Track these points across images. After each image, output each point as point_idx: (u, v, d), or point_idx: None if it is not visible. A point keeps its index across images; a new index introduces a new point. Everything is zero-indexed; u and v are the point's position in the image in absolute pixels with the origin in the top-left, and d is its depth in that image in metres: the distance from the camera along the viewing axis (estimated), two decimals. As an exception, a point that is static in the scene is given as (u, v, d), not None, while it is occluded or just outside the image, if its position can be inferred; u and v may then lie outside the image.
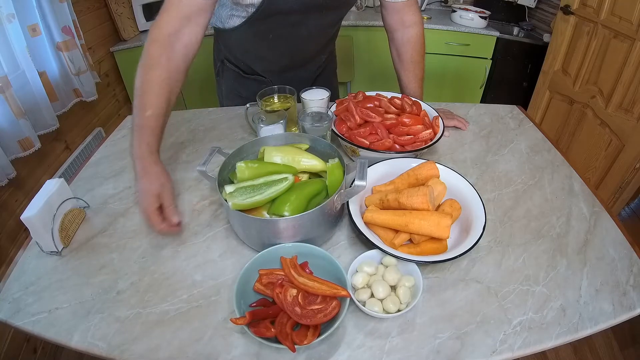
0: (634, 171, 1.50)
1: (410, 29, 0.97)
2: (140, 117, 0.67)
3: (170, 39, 0.69)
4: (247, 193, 0.61)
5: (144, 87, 0.67)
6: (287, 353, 0.51)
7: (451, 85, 2.47)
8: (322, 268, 0.59)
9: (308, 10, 0.84)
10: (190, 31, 0.72)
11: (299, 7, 0.81)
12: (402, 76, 1.00)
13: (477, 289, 0.59)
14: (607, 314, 0.55)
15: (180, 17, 0.70)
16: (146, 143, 0.66)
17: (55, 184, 0.70)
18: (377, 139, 0.79)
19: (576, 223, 0.71)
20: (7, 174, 1.36)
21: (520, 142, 0.93)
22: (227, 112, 1.07)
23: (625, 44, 1.50)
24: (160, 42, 0.69)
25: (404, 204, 0.63)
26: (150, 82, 0.68)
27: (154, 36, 0.69)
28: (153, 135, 0.67)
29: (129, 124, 1.05)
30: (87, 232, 0.72)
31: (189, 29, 0.71)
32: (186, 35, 0.71)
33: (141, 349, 0.52)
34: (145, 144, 0.66)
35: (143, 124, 0.67)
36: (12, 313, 0.58)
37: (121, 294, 0.60)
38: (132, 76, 0.67)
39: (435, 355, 0.51)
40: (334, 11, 0.91)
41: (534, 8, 2.41)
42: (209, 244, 0.68)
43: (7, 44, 1.40)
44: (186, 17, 0.70)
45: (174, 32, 0.70)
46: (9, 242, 1.43)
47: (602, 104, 1.64)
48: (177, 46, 0.70)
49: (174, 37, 0.70)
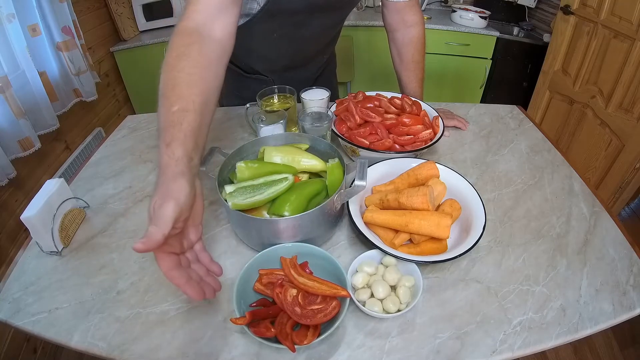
0: (634, 171, 1.50)
1: (412, 29, 0.97)
2: (166, 114, 0.50)
3: (201, 30, 0.59)
4: (247, 193, 0.61)
5: (169, 83, 0.53)
6: (287, 353, 0.51)
7: (451, 85, 2.47)
8: (322, 268, 0.59)
9: (312, 10, 0.84)
10: (224, 23, 0.61)
11: (304, 7, 0.81)
12: (403, 76, 1.00)
13: (477, 289, 0.59)
14: (607, 314, 0.55)
15: (211, 8, 0.60)
16: (166, 144, 0.48)
17: (55, 184, 0.69)
18: (377, 139, 0.79)
19: (576, 223, 0.71)
20: (7, 174, 1.36)
21: (520, 142, 0.93)
22: (227, 112, 1.07)
23: (625, 44, 1.50)
24: (189, 33, 0.58)
25: (404, 204, 0.63)
26: (178, 75, 0.53)
27: (181, 28, 0.59)
28: (180, 136, 0.48)
29: (129, 124, 1.05)
30: (87, 232, 0.72)
31: (222, 21, 0.61)
32: (219, 28, 0.61)
33: (141, 349, 0.52)
34: (167, 147, 0.48)
35: (169, 121, 0.49)
36: (12, 313, 0.58)
37: (121, 294, 0.60)
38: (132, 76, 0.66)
39: (435, 355, 0.51)
40: (338, 11, 0.91)
41: (534, 8, 2.41)
42: (209, 244, 0.68)
43: (7, 44, 1.40)
44: (217, 8, 0.60)
45: (203, 24, 0.59)
46: (9, 242, 1.43)
47: (602, 104, 1.64)
48: (210, 39, 0.59)
49: (205, 28, 0.59)
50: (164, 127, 0.50)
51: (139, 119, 1.07)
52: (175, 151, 0.48)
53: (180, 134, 0.49)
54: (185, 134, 0.49)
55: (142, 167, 0.88)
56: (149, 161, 0.90)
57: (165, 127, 0.49)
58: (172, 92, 0.52)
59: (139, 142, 0.97)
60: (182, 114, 0.50)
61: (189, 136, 0.50)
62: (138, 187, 0.82)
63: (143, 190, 0.81)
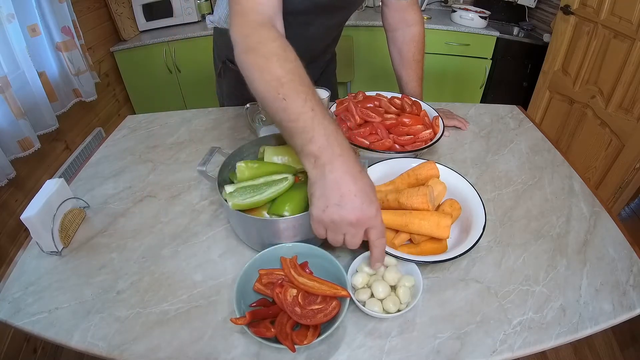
0: (634, 171, 1.50)
1: (413, 28, 0.97)
2: (308, 102, 0.48)
3: (273, 24, 0.57)
4: (247, 193, 0.61)
5: (282, 79, 0.50)
6: (287, 353, 0.51)
7: (451, 85, 2.47)
8: (322, 268, 0.59)
9: (317, 11, 0.84)
10: (280, 22, 0.60)
11: (309, 7, 0.81)
12: (403, 75, 1.00)
13: (477, 289, 0.59)
14: (607, 314, 0.55)
15: (259, 21, 0.57)
16: (334, 131, 0.46)
17: (55, 184, 0.69)
18: (377, 139, 0.79)
19: (576, 223, 0.71)
20: (6, 174, 1.36)
21: (520, 142, 0.93)
22: (227, 112, 1.07)
23: (625, 44, 1.50)
24: (269, 28, 0.56)
25: (404, 204, 0.63)
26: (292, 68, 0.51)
27: (253, 21, 0.56)
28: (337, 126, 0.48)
29: (129, 124, 1.05)
30: (87, 232, 0.72)
31: (280, 19, 0.61)
32: (279, 26, 0.59)
33: (141, 349, 0.52)
34: (336, 133, 0.46)
35: (317, 110, 0.47)
36: (12, 313, 0.58)
37: (121, 294, 0.60)
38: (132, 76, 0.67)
39: (435, 355, 0.51)
40: (342, 11, 0.91)
41: (534, 8, 2.41)
42: (209, 244, 0.68)
43: (7, 44, 1.40)
44: (278, 5, 0.60)
45: (270, 18, 0.58)
46: (9, 242, 1.43)
47: (602, 104, 1.64)
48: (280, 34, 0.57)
49: (275, 23, 0.58)
50: (314, 116, 0.47)
51: (139, 119, 1.07)
52: (344, 141, 0.47)
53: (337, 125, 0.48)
54: None
55: (142, 167, 0.88)
56: (149, 161, 0.90)
57: (314, 117, 0.47)
58: (292, 85, 0.50)
59: (139, 142, 0.97)
60: None
61: None
62: (138, 187, 0.82)
63: (143, 190, 0.81)
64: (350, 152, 0.47)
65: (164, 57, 2.28)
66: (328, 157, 0.47)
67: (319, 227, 0.51)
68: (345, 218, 0.47)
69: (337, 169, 0.46)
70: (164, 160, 0.90)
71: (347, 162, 0.46)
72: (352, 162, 0.47)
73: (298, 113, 0.48)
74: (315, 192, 0.48)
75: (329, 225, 0.49)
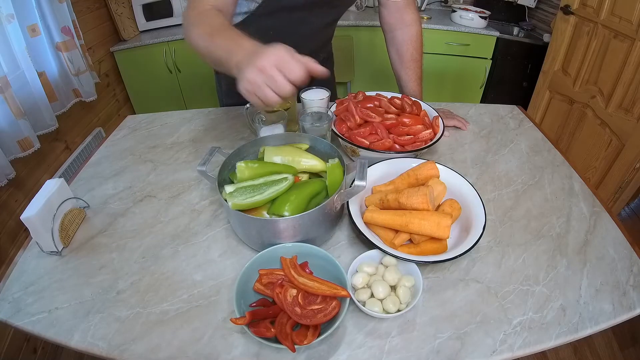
0: (634, 171, 1.50)
1: (411, 27, 0.97)
2: (220, 37, 0.63)
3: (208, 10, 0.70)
4: (247, 193, 0.61)
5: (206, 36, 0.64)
6: (287, 353, 0.51)
7: (451, 85, 2.47)
8: (322, 268, 0.59)
9: (312, 7, 0.84)
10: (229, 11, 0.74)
11: (303, 3, 0.82)
12: (402, 74, 1.01)
13: (477, 289, 0.59)
14: (607, 314, 0.55)
15: (211, 6, 0.70)
16: (239, 36, 0.61)
17: (55, 184, 0.69)
18: (377, 139, 0.79)
19: (576, 223, 0.71)
20: (6, 174, 1.36)
21: (520, 142, 0.93)
22: (227, 112, 1.07)
23: (625, 44, 1.50)
24: (198, 11, 0.69)
25: (403, 204, 0.63)
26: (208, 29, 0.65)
27: (190, 13, 0.70)
28: None
29: (129, 124, 1.05)
30: (87, 232, 0.72)
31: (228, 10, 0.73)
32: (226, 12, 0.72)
33: (141, 349, 0.52)
34: (241, 37, 0.61)
35: (227, 36, 0.62)
36: (12, 313, 0.58)
37: (121, 294, 0.60)
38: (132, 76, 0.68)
39: (435, 355, 0.51)
40: (336, 8, 0.92)
41: (534, 8, 2.41)
42: (209, 244, 0.68)
43: (7, 44, 1.40)
44: (217, 7, 0.71)
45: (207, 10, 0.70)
46: (9, 242, 1.43)
47: (602, 104, 1.64)
48: None
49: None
50: (224, 40, 0.61)
51: (139, 119, 1.07)
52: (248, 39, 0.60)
53: None
54: None
55: (142, 167, 0.88)
56: (149, 161, 0.90)
57: (227, 39, 0.61)
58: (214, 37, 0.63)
59: (139, 142, 0.97)
60: None
61: None
62: (138, 187, 0.82)
63: (143, 190, 0.81)
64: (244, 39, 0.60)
65: (164, 57, 2.28)
66: None
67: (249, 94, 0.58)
68: (256, 64, 0.55)
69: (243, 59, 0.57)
70: (164, 160, 0.90)
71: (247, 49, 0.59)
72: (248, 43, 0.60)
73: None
74: None
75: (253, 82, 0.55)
